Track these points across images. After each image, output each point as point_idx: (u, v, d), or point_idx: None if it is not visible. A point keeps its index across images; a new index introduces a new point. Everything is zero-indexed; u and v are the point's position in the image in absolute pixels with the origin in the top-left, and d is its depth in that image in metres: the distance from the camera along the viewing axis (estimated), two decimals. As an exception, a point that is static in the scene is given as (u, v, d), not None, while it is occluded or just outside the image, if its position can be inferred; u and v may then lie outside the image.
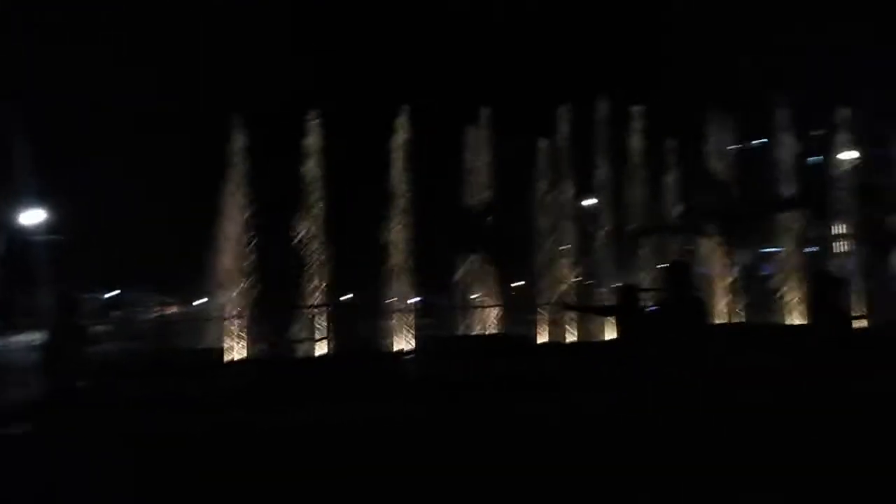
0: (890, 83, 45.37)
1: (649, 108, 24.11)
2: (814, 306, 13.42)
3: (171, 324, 21.13)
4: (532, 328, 19.69)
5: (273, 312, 20.00)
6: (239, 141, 18.64)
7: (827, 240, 27.11)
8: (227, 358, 16.90)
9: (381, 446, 7.82)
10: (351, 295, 32.46)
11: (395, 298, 19.42)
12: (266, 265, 18.82)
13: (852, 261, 21.41)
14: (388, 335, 19.13)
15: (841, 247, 24.31)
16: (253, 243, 18.29)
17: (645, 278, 20.47)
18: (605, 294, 19.71)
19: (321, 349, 17.66)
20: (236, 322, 17.81)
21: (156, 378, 12.22)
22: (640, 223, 22.22)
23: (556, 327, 19.54)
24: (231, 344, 17.53)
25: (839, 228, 25.02)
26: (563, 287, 20.53)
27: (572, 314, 19.22)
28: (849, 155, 31.89)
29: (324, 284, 18.75)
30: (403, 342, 18.75)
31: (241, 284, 18.15)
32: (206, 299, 22.41)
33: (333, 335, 18.11)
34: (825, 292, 10.81)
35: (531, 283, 21.97)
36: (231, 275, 18.25)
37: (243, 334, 17.77)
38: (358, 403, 10.48)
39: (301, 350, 17.84)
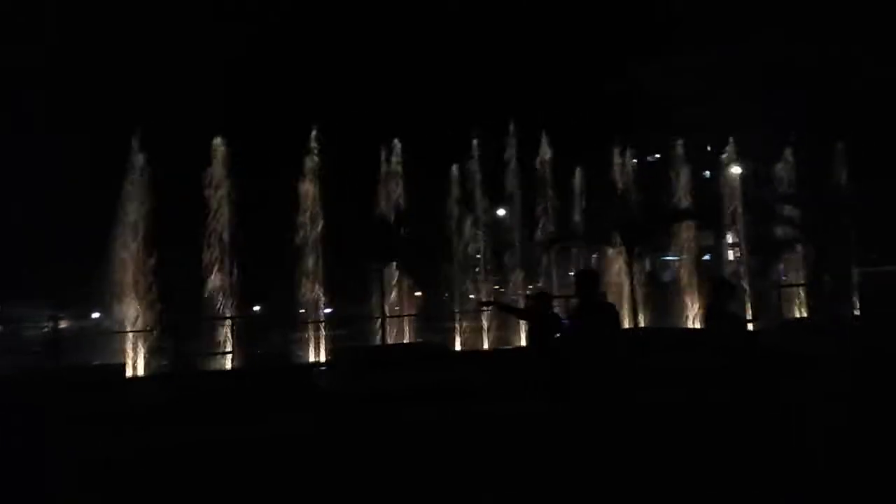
0: (778, 103, 49.07)
1: (559, 127, 25.07)
2: (709, 311, 14.29)
3: (65, 339, 19.69)
4: (447, 336, 19.84)
5: (177, 326, 19.12)
6: (138, 152, 17.79)
7: (721, 248, 29.08)
8: (128, 374, 15.98)
9: (284, 465, 7.60)
10: (258, 308, 31.53)
11: (304, 310, 19.06)
12: (168, 277, 18.01)
13: (743, 268, 22.91)
14: (300, 347, 18.73)
15: (733, 255, 26.02)
16: (153, 255, 17.43)
17: (554, 285, 21.13)
18: (518, 300, 20.17)
19: (227, 363, 17.04)
20: (138, 336, 16.89)
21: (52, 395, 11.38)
22: (548, 233, 22.92)
23: (471, 335, 19.79)
24: (132, 359, 16.61)
25: (731, 238, 26.79)
26: (476, 295, 20.86)
27: (487, 319, 19.56)
28: (737, 170, 34.26)
29: (231, 296, 18.13)
30: (316, 354, 18.40)
31: (142, 297, 17.25)
32: (99, 314, 21.18)
33: (242, 348, 17.55)
34: (720, 298, 11.57)
35: (445, 292, 22.16)
36: (129, 288, 17.31)
37: (145, 349, 16.90)
38: (265, 420, 10.18)
39: (208, 364, 17.14)
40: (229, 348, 17.22)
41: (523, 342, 17.73)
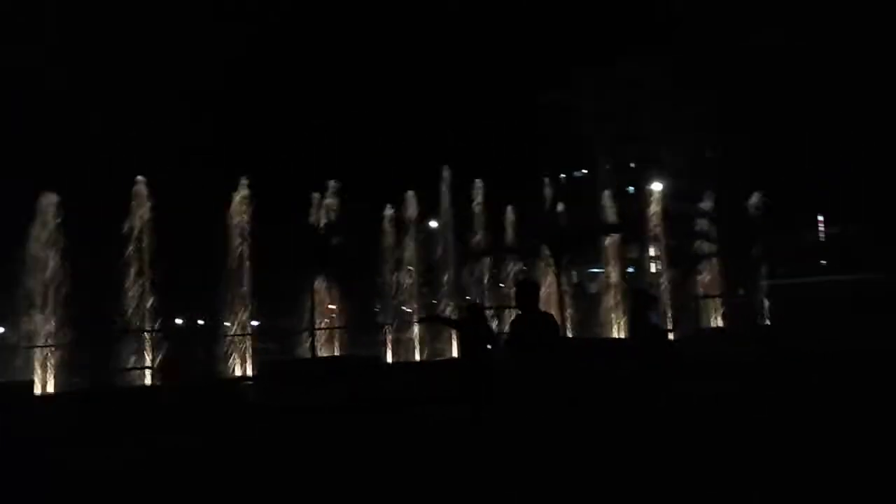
0: (696, 124, 51.51)
1: (490, 140, 25.49)
2: (631, 321, 14.81)
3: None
4: (378, 348, 19.71)
5: (92, 340, 18.19)
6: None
7: (644, 261, 30.24)
8: (37, 391, 15.03)
9: (208, 481, 7.34)
10: (181, 320, 30.36)
11: (228, 323, 18.52)
12: (84, 290, 17.08)
13: (663, 280, 23.86)
14: (226, 361, 18.15)
15: (655, 267, 27.07)
16: (65, 266, 16.42)
17: (484, 296, 21.39)
18: (450, 311, 20.29)
19: (148, 378, 16.33)
20: (47, 351, 15.92)
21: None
22: (480, 246, 23.19)
23: (402, 346, 19.74)
24: (41, 376, 15.64)
25: (653, 251, 27.89)
26: (407, 307, 20.86)
27: (418, 332, 19.57)
28: (658, 186, 35.70)
29: (151, 308, 17.38)
30: (243, 368, 17.90)
31: (53, 311, 16.26)
32: (1, 329, 19.88)
33: (164, 362, 16.85)
34: (641, 308, 12.02)
35: (376, 304, 22.04)
36: (40, 301, 16.28)
37: (55, 364, 15.93)
38: (188, 435, 9.79)
39: (127, 379, 16.36)
40: (149, 363, 16.51)
41: (455, 353, 17.84)
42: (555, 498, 5.71)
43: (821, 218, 47.64)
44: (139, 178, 17.76)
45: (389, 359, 19.40)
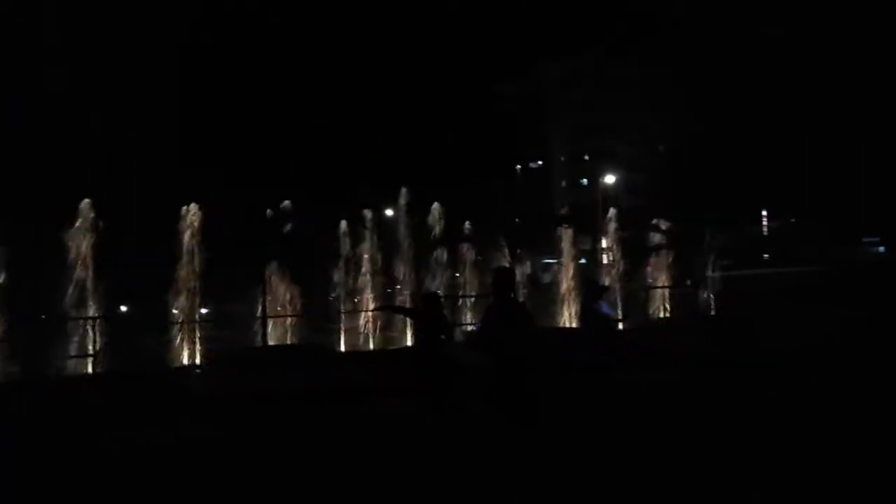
0: (651, 118, 52.49)
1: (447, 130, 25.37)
2: (582, 311, 15.04)
3: None
4: (332, 337, 19.51)
5: (30, 327, 17.48)
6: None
7: (596, 252, 30.74)
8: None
9: (155, 473, 7.15)
10: (125, 308, 29.46)
11: (177, 311, 18.03)
12: (21, 274, 16.38)
13: (615, 271, 24.27)
14: (174, 349, 17.68)
15: (607, 258, 27.52)
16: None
17: (441, 285, 21.41)
18: (406, 300, 20.24)
19: (89, 367, 15.76)
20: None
21: None
22: (437, 235, 23.15)
23: (356, 336, 19.59)
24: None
25: (605, 242, 28.35)
26: (362, 296, 20.73)
27: (372, 320, 19.48)
28: (612, 178, 36.26)
29: (94, 295, 16.77)
30: (191, 356, 17.47)
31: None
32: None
33: (108, 351, 16.30)
34: (592, 298, 12.25)
35: (331, 292, 21.80)
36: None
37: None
38: (134, 426, 9.51)
39: (69, 368, 15.77)
40: (92, 351, 15.91)
41: (409, 343, 17.82)
42: (508, 488, 5.77)
43: (764, 212, 49.37)
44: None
45: (342, 348, 19.23)
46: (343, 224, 21.12)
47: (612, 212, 26.29)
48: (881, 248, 42.21)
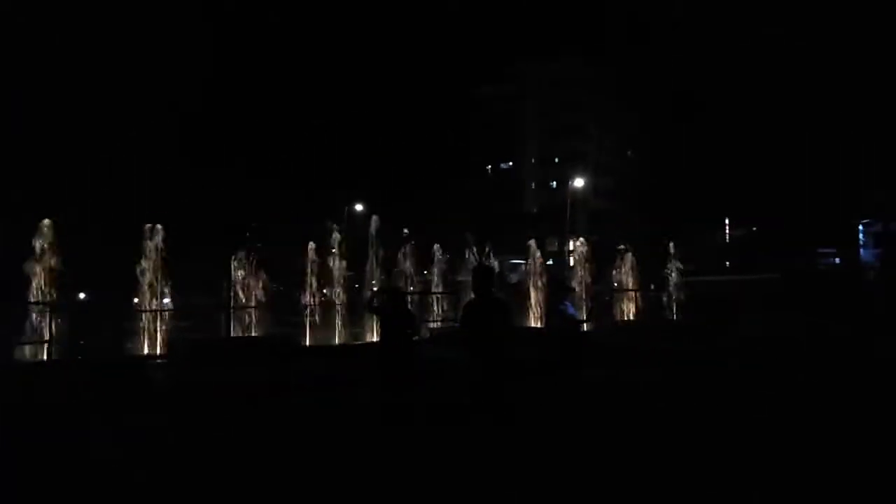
0: (621, 123, 53.14)
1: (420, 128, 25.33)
2: (547, 311, 15.16)
3: None
4: (297, 330, 19.35)
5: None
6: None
7: (564, 254, 31.08)
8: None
9: (114, 465, 7.01)
10: (84, 295, 28.77)
11: (138, 300, 17.68)
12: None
13: (582, 272, 24.53)
14: (134, 338, 17.35)
15: (574, 260, 27.83)
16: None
17: (410, 282, 21.44)
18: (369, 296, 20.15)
19: (44, 354, 15.35)
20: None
21: None
22: (404, 233, 23.17)
23: (321, 329, 19.46)
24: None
25: (573, 244, 28.69)
26: (329, 289, 20.61)
27: (339, 313, 19.41)
28: (580, 182, 36.63)
29: (49, 281, 16.32)
30: (152, 346, 17.14)
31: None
32: None
33: (64, 338, 15.91)
34: (557, 299, 12.40)
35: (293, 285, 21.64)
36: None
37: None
38: (88, 416, 9.32)
39: (18, 354, 15.35)
40: (47, 338, 15.50)
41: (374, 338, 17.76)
42: (465, 480, 5.80)
43: (727, 221, 50.44)
44: None
45: (308, 341, 19.09)
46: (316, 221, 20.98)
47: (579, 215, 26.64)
48: (836, 259, 43.61)
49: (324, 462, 6.71)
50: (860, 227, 45.05)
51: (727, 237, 52.18)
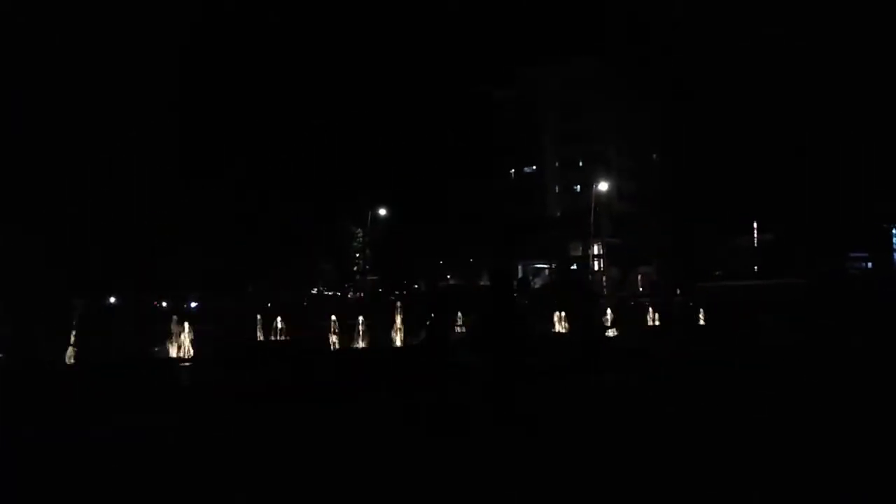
0: (646, 126, 52.67)
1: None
2: (571, 316, 15.13)
3: None
4: (324, 334, 19.47)
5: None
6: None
7: (588, 258, 30.88)
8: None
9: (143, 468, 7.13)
10: (114, 299, 29.31)
11: (166, 303, 17.98)
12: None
13: (605, 278, 24.42)
14: (162, 341, 17.64)
15: (598, 265, 27.71)
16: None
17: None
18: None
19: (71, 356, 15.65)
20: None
21: None
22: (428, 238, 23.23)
23: (348, 334, 19.55)
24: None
25: (597, 249, 28.55)
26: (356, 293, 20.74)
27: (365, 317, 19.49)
28: (604, 186, 36.44)
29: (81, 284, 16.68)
30: (181, 349, 17.40)
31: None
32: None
33: (92, 340, 16.22)
34: (581, 304, 12.37)
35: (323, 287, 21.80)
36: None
37: None
38: (118, 417, 9.47)
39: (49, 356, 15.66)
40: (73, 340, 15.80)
41: (398, 342, 17.82)
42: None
43: (755, 224, 49.66)
44: None
45: (336, 345, 19.20)
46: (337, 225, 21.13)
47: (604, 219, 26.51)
48: (868, 264, 42.68)
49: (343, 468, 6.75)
50: (893, 232, 44.10)
51: (755, 241, 51.40)
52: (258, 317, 18.91)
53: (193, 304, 21.05)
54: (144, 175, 36.86)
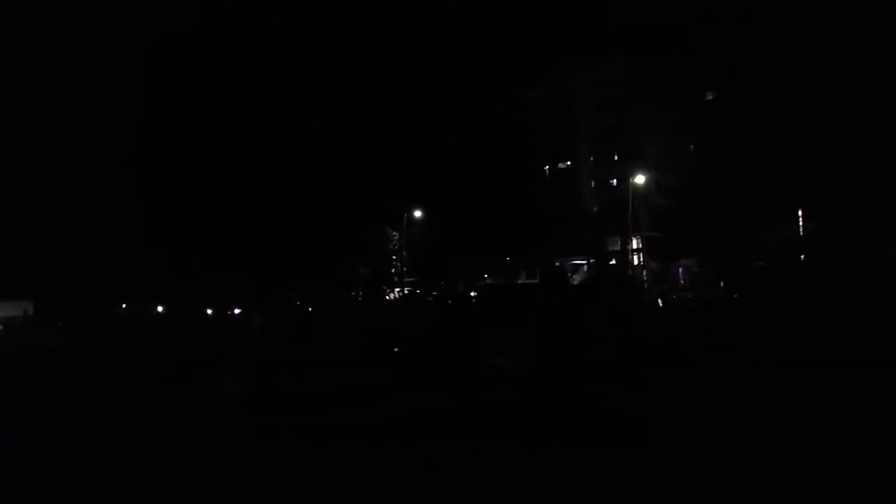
0: (681, 118, 51.80)
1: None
2: (604, 309, 14.88)
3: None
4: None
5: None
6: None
7: (628, 252, 30.44)
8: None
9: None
10: (161, 308, 30.04)
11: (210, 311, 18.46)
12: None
13: (646, 272, 24.14)
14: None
15: (637, 260, 27.39)
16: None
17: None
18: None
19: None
20: None
21: None
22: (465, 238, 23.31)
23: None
24: None
25: (636, 243, 28.21)
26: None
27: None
28: (641, 179, 35.99)
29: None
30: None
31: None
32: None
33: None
34: (615, 297, 12.25)
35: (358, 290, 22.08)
36: None
37: None
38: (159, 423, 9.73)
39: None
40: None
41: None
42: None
43: (800, 212, 48.26)
44: None
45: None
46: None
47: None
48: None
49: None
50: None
51: (801, 230, 49.87)
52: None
53: (237, 311, 21.66)
54: (192, 194, 37.66)
